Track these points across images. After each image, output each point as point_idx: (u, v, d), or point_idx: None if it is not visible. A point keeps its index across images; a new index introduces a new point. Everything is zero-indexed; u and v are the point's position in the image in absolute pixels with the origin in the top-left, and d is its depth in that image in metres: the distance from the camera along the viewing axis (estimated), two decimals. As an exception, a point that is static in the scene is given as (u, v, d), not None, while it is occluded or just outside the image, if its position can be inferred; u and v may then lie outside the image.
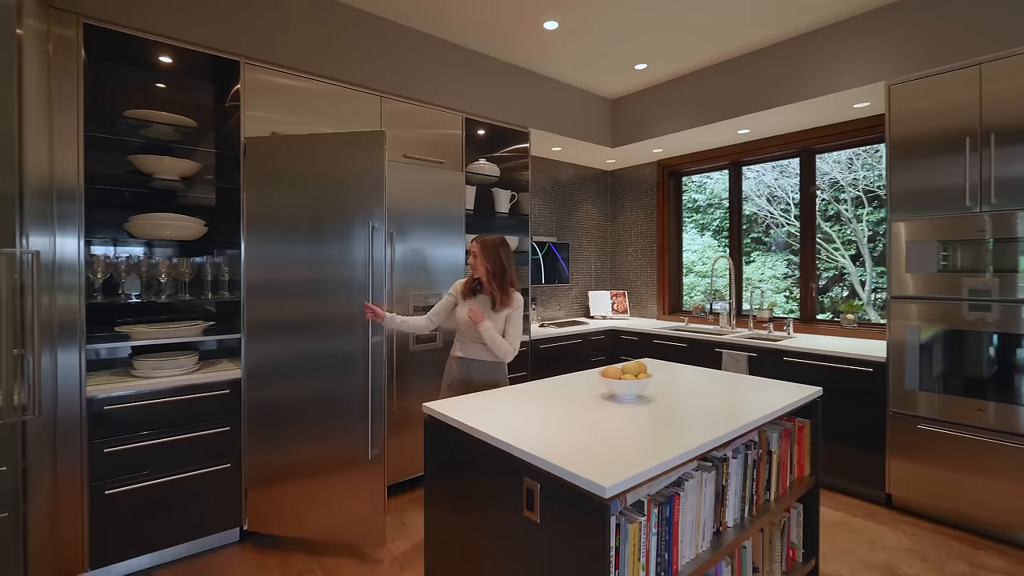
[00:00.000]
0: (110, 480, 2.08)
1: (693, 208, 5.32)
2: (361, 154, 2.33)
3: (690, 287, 5.05)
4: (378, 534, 2.30)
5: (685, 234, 4.90)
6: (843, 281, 4.55)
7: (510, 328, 2.29)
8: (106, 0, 2.08)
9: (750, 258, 4.93)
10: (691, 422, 1.57)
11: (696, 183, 5.17)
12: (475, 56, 3.38)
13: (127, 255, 2.41)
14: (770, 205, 4.89)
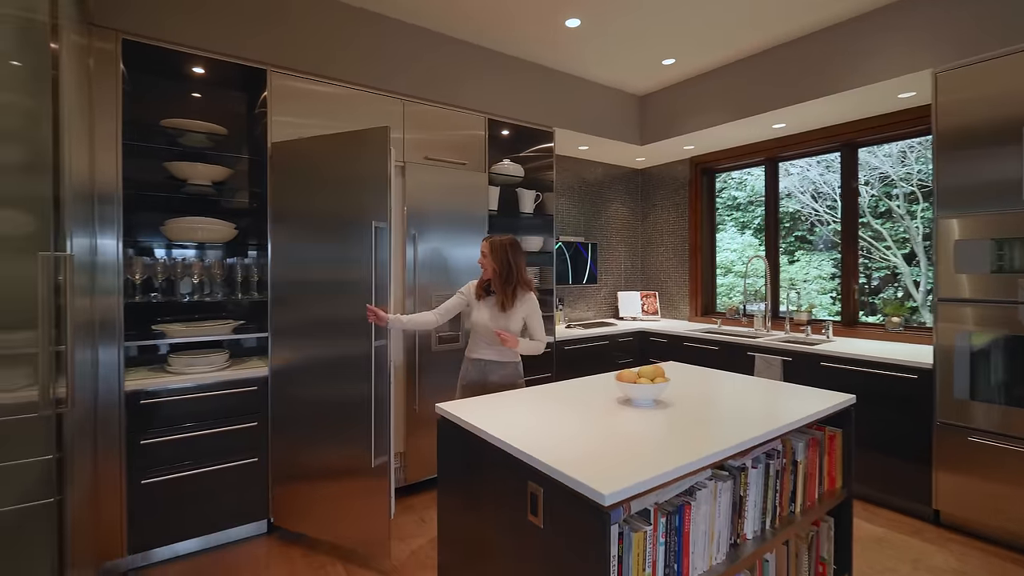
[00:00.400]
0: (146, 470, 2.19)
1: (733, 206, 5.13)
2: (369, 152, 2.31)
3: (729, 288, 4.88)
4: (381, 546, 2.22)
5: (724, 233, 4.74)
6: (897, 282, 4.29)
7: (536, 325, 2.33)
8: (143, 16, 2.20)
9: (794, 257, 4.72)
10: (707, 429, 1.51)
11: (737, 179, 4.99)
12: (496, 56, 3.38)
13: (163, 257, 2.53)
14: (815, 202, 4.67)
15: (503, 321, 2.26)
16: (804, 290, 4.28)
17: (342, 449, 2.33)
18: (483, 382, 2.30)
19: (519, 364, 2.37)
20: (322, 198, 2.41)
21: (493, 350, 2.30)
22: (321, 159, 2.40)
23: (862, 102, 3.15)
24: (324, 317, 2.41)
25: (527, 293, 2.31)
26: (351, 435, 2.31)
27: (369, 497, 2.26)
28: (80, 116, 1.93)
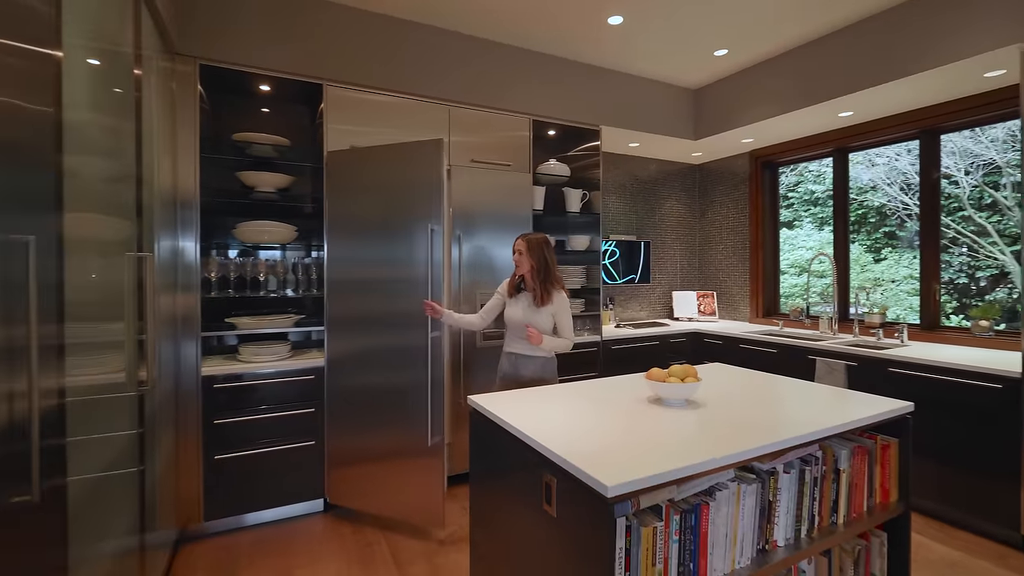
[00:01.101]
0: (218, 447, 2.45)
1: (810, 200, 4.81)
2: (422, 162, 2.50)
3: (803, 288, 4.56)
4: (436, 516, 2.43)
5: (799, 230, 4.46)
6: (1008, 282, 3.83)
7: (565, 323, 2.36)
8: (217, 44, 2.48)
9: (881, 256, 4.35)
10: (734, 431, 1.47)
11: (815, 172, 4.66)
12: (539, 57, 3.41)
13: (234, 257, 2.81)
14: (905, 194, 4.27)
15: (535, 316, 2.33)
16: (891, 291, 3.92)
17: (397, 430, 2.54)
18: (516, 375, 2.38)
19: (551, 359, 2.42)
20: (376, 202, 2.60)
21: (524, 344, 2.37)
22: (374, 167, 2.60)
23: (942, 84, 2.87)
24: (376, 311, 2.60)
25: (559, 291, 2.36)
26: (406, 417, 2.52)
27: (425, 473, 2.47)
28: (165, 133, 2.21)
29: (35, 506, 0.92)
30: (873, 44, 2.95)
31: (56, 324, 1.04)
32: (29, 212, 0.94)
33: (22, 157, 0.91)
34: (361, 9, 2.83)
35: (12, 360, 0.86)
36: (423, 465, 2.48)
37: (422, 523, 2.49)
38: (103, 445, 1.43)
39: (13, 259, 0.86)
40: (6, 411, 0.85)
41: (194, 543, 2.42)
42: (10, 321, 0.86)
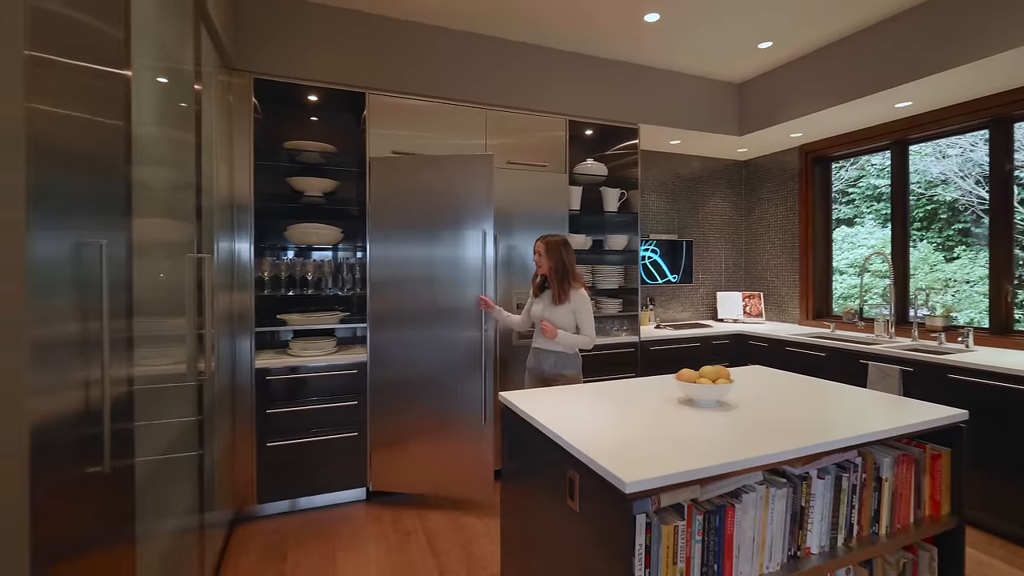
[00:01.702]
0: (270, 435, 2.62)
1: (873, 196, 4.55)
2: (472, 173, 2.78)
3: (866, 289, 4.31)
4: (488, 486, 2.73)
5: (861, 227, 4.23)
6: None
7: (585, 320, 2.45)
8: (270, 59, 2.66)
9: (953, 254, 4.06)
10: (765, 433, 1.44)
11: (878, 166, 4.40)
12: (574, 58, 3.42)
13: (285, 257, 2.99)
14: (981, 188, 3.96)
15: (551, 313, 2.44)
16: (964, 292, 3.64)
17: (442, 417, 2.79)
18: (539, 369, 2.50)
19: (572, 355, 2.49)
20: (423, 207, 2.79)
21: (543, 339, 2.49)
22: (424, 174, 2.79)
23: (1014, 68, 2.66)
24: (418, 308, 2.78)
25: (578, 289, 2.45)
26: (457, 402, 2.78)
27: (476, 448, 2.77)
28: (222, 142, 2.38)
29: (107, 478, 1.04)
30: (933, 29, 2.77)
31: (125, 319, 1.17)
32: (102, 217, 1.06)
33: (97, 167, 1.04)
34: (401, 19, 2.94)
35: (88, 351, 0.98)
36: (474, 442, 2.76)
37: (473, 494, 2.74)
38: (166, 430, 1.58)
39: (88, 260, 0.98)
40: (83, 396, 0.97)
41: (248, 524, 2.60)
42: (86, 316, 0.97)
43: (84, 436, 0.96)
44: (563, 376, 2.46)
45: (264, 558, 2.30)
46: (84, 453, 0.96)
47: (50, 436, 0.84)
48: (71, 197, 0.93)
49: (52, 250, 0.86)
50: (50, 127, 0.85)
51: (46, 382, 0.84)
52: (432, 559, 2.29)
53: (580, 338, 2.43)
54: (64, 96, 0.90)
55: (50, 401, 0.85)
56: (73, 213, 0.94)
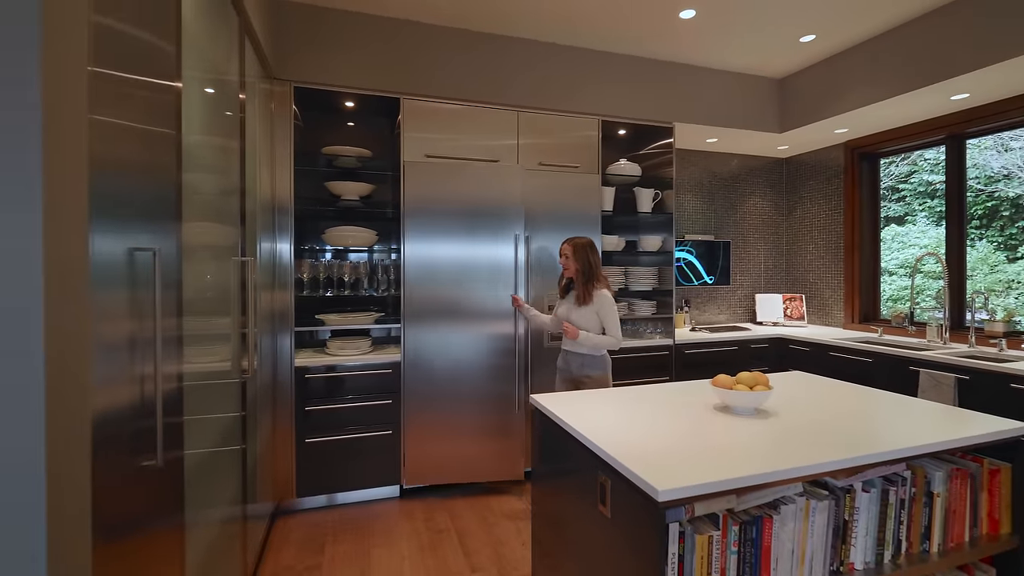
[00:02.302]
0: (308, 431, 2.70)
1: (926, 192, 4.31)
2: (503, 180, 2.95)
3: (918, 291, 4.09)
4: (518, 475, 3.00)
5: (913, 226, 4.03)
6: None
7: (609, 321, 2.45)
8: (309, 68, 2.76)
9: (1016, 254, 3.81)
10: (805, 443, 1.39)
11: (931, 161, 4.17)
12: (608, 57, 3.38)
13: (323, 259, 3.08)
14: None
15: (575, 314, 2.47)
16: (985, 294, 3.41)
17: (483, 408, 2.95)
18: (567, 370, 2.55)
19: (599, 357, 2.50)
20: (456, 210, 2.89)
21: (570, 341, 2.51)
22: (458, 180, 2.90)
23: (1085, 56, 2.47)
24: (450, 308, 2.87)
25: (602, 290, 2.46)
26: (492, 395, 2.96)
27: (509, 439, 2.98)
28: (264, 148, 2.48)
29: (159, 471, 1.10)
30: (992, 15, 2.60)
31: (176, 318, 1.23)
32: (155, 222, 1.12)
33: (151, 174, 1.10)
34: (433, 25, 2.98)
35: (142, 348, 1.04)
36: (508, 430, 2.98)
37: (508, 476, 2.97)
38: (212, 424, 1.65)
39: (142, 262, 1.04)
40: (138, 391, 1.03)
41: (287, 517, 2.69)
42: (141, 315, 1.03)
43: (139, 427, 1.02)
44: (590, 378, 2.47)
45: (302, 550, 2.37)
46: (138, 442, 1.01)
47: (109, 426, 0.90)
48: (127, 203, 0.99)
49: (110, 253, 0.91)
50: (109, 138, 0.91)
51: (106, 376, 0.89)
52: (464, 559, 2.31)
53: (604, 339, 2.43)
54: (122, 108, 0.96)
55: (109, 394, 0.90)
56: (129, 218, 1.00)
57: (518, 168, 2.99)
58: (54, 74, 0.73)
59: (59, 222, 0.75)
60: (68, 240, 0.77)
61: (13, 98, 0.69)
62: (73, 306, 0.78)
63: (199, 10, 1.48)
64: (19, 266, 0.70)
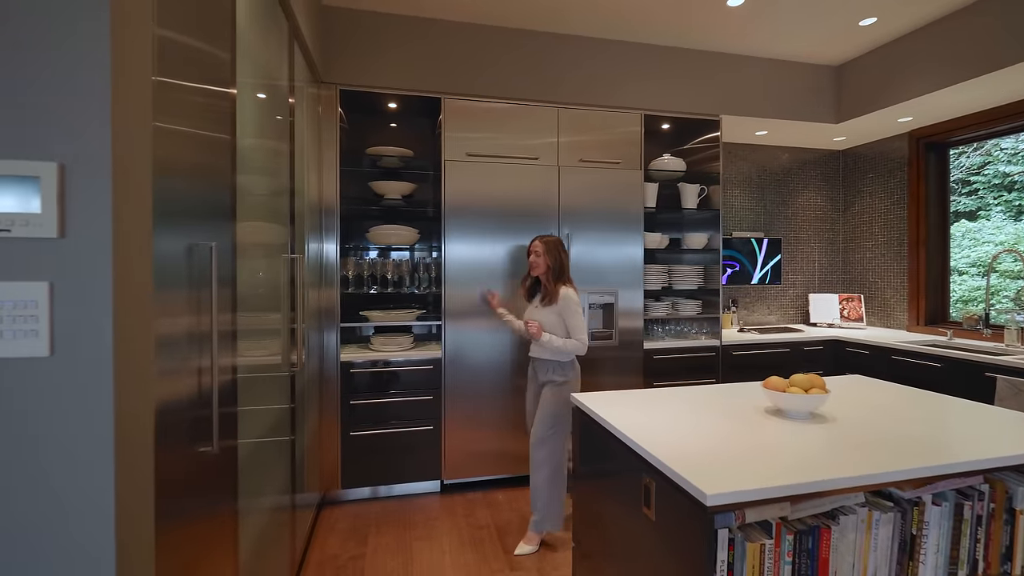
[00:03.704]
0: (353, 425, 2.78)
1: (1002, 185, 3.99)
2: (541, 180, 2.98)
3: (994, 291, 3.80)
4: None
5: (987, 221, 3.74)
6: None
7: (572, 323, 2.29)
8: (354, 71, 2.82)
9: None
10: (867, 450, 1.31)
11: (1008, 150, 3.84)
12: (650, 50, 3.29)
13: (367, 257, 3.16)
14: None
15: (538, 314, 2.35)
16: None
17: (518, 412, 2.93)
18: (535, 378, 2.42)
19: (567, 364, 2.34)
20: (494, 209, 2.91)
21: (537, 348, 2.38)
22: (488, 178, 2.92)
23: None
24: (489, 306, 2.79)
25: (566, 288, 2.33)
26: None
27: None
28: (312, 150, 2.56)
29: (215, 457, 1.15)
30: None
31: (231, 313, 1.29)
32: (212, 221, 1.17)
33: (207, 177, 1.15)
34: (474, 24, 3.00)
35: (200, 341, 1.09)
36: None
37: None
38: (264, 416, 1.72)
39: (200, 260, 1.09)
40: (196, 383, 1.08)
41: (333, 507, 2.78)
42: (199, 310, 1.08)
43: (197, 416, 1.07)
44: (557, 384, 2.32)
45: (346, 540, 2.44)
46: (196, 430, 1.06)
47: (170, 414, 0.94)
48: (186, 204, 1.04)
49: (171, 251, 0.96)
50: (171, 143, 0.96)
51: (168, 367, 0.94)
52: (503, 556, 2.31)
53: (569, 343, 2.27)
54: (182, 115, 1.00)
55: (170, 385, 0.95)
56: (188, 218, 1.04)
57: (558, 166, 3.00)
58: (123, 84, 0.77)
59: (126, 223, 0.79)
60: (134, 240, 0.82)
61: (85, 108, 0.74)
62: (138, 301, 0.83)
63: (252, 17, 1.54)
64: (91, 263, 0.74)
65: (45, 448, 0.72)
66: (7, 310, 0.71)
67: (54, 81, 0.73)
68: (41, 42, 0.72)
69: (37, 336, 0.72)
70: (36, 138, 0.72)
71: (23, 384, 0.72)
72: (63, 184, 0.73)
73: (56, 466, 0.73)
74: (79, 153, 0.74)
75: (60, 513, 0.73)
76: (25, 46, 0.71)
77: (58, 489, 0.73)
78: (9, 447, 0.71)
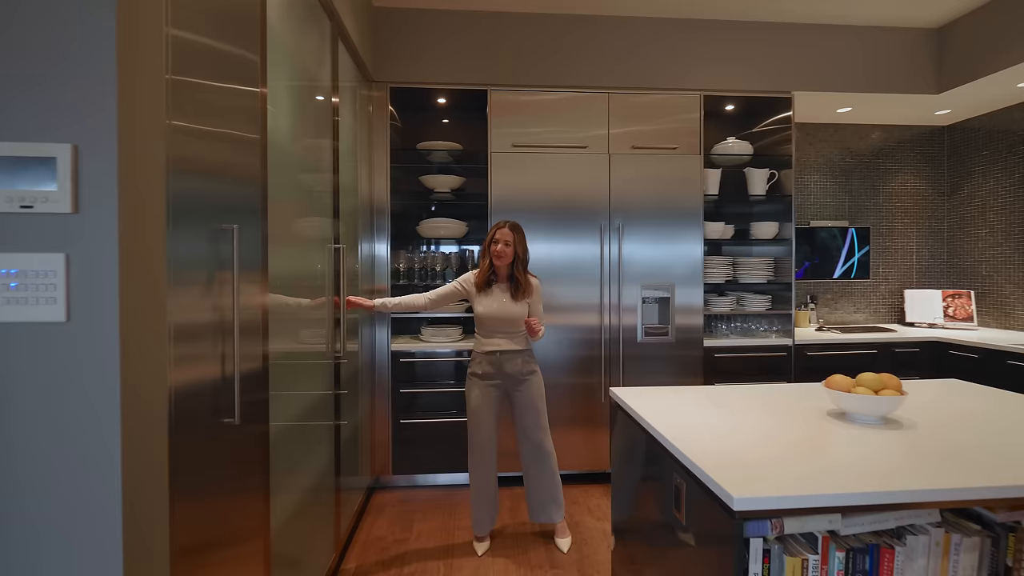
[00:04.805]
0: (402, 412, 2.84)
1: None
2: (591, 166, 2.91)
3: None
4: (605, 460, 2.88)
5: None
6: None
7: (537, 309, 2.29)
8: (404, 69, 2.89)
9: None
10: (948, 461, 1.12)
11: None
12: (709, 26, 3.06)
13: (417, 250, 3.21)
14: None
15: (513, 309, 2.21)
16: None
17: (563, 406, 2.91)
18: (499, 373, 2.23)
19: (531, 350, 2.30)
20: (537, 200, 2.88)
21: (507, 339, 2.23)
22: (534, 169, 2.89)
23: None
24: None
25: (533, 279, 2.28)
26: (572, 393, 2.92)
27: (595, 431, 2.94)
28: (363, 149, 2.65)
29: (238, 436, 1.20)
30: None
31: (259, 296, 1.34)
32: (238, 215, 1.23)
33: (232, 173, 1.20)
34: (523, 13, 2.95)
35: (222, 327, 1.15)
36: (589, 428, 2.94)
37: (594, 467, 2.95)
38: (304, 400, 1.79)
39: (223, 252, 1.14)
40: (219, 367, 1.14)
41: (383, 491, 2.86)
42: (220, 291, 1.14)
43: (216, 387, 1.12)
44: (532, 372, 2.27)
45: (393, 523, 2.50)
46: (216, 402, 1.12)
47: (188, 385, 0.99)
48: (210, 193, 1.09)
49: (192, 234, 1.01)
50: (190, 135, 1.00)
51: (186, 338, 0.99)
52: (544, 552, 2.25)
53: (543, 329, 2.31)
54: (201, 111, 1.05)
55: (188, 354, 1.00)
56: (212, 206, 1.10)
57: (608, 153, 2.90)
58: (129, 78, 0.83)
59: (134, 201, 0.84)
60: (145, 218, 0.87)
61: (94, 97, 0.79)
62: (148, 273, 0.88)
63: (288, 20, 1.60)
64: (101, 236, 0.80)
65: (60, 400, 0.80)
66: (31, 279, 0.78)
67: (67, 72, 0.79)
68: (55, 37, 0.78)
69: (56, 303, 0.78)
70: (52, 122, 0.79)
71: (46, 345, 0.79)
72: (76, 164, 0.79)
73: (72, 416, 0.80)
74: (90, 136, 0.79)
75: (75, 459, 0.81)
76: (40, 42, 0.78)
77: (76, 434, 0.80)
78: (35, 398, 0.79)
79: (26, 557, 0.78)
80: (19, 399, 0.78)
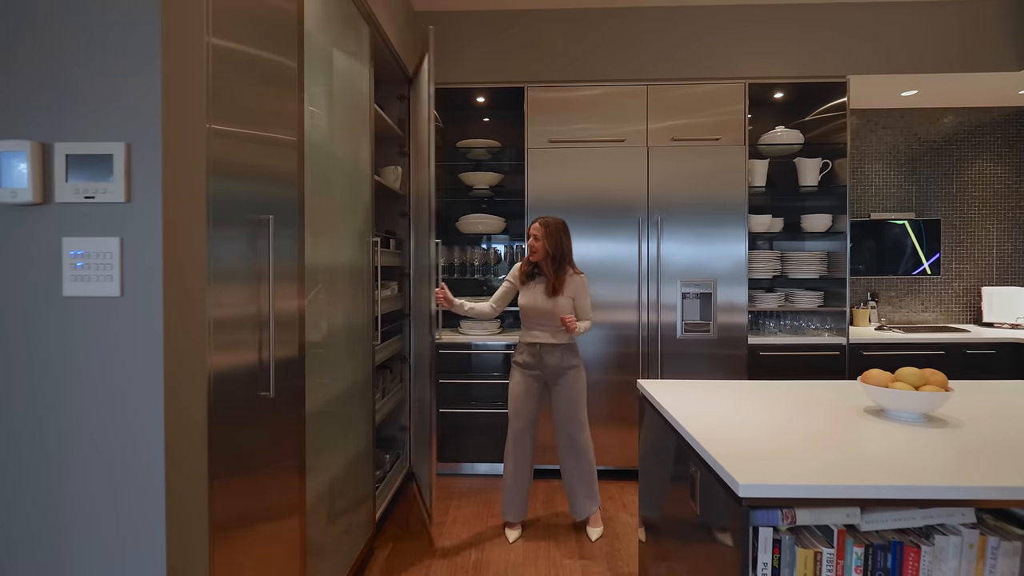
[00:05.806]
0: (443, 402, 2.94)
1: None
2: (629, 160, 2.89)
3: None
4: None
5: None
6: None
7: (582, 304, 2.29)
8: (443, 70, 2.96)
9: None
10: (989, 458, 1.05)
11: None
12: (756, 11, 2.92)
13: (461, 246, 3.30)
14: None
15: (549, 304, 2.22)
16: None
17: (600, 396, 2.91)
18: (539, 364, 2.28)
19: (573, 344, 2.32)
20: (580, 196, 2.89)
21: (547, 332, 2.27)
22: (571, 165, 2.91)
23: None
24: None
25: (573, 275, 2.27)
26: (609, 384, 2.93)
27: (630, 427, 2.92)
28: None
29: (271, 402, 1.29)
30: None
31: (295, 282, 1.45)
32: (272, 210, 1.33)
33: (270, 173, 1.31)
34: (557, 9, 2.96)
35: (259, 316, 1.25)
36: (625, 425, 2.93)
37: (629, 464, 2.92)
38: (338, 387, 1.89)
39: (259, 249, 1.24)
40: (256, 352, 1.25)
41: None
42: (258, 275, 1.24)
43: (253, 365, 1.23)
44: (572, 367, 2.29)
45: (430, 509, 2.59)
46: (253, 376, 1.22)
47: (226, 382, 1.10)
48: (249, 188, 1.20)
49: (232, 221, 1.11)
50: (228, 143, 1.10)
51: (224, 316, 1.09)
52: (575, 543, 2.27)
53: (588, 324, 2.29)
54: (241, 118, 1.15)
55: (227, 330, 1.11)
56: (249, 210, 1.20)
57: (647, 146, 2.85)
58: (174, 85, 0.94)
59: (176, 194, 0.95)
60: (187, 208, 0.97)
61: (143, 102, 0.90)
62: (191, 254, 0.99)
63: (326, 27, 1.70)
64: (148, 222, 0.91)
65: (113, 365, 0.92)
66: (93, 259, 0.90)
67: (119, 80, 0.91)
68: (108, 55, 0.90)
69: (112, 280, 0.90)
70: (108, 124, 0.91)
71: (104, 316, 0.91)
72: (129, 160, 0.90)
73: (125, 379, 0.92)
74: (140, 135, 0.90)
75: (131, 418, 0.93)
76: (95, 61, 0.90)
77: (126, 394, 0.92)
78: (95, 362, 0.92)
79: (80, 505, 0.91)
80: (83, 364, 0.91)
